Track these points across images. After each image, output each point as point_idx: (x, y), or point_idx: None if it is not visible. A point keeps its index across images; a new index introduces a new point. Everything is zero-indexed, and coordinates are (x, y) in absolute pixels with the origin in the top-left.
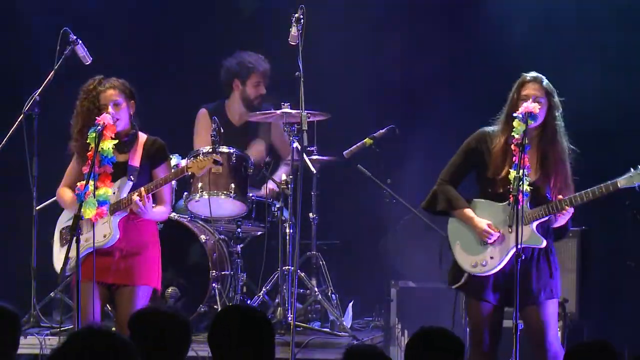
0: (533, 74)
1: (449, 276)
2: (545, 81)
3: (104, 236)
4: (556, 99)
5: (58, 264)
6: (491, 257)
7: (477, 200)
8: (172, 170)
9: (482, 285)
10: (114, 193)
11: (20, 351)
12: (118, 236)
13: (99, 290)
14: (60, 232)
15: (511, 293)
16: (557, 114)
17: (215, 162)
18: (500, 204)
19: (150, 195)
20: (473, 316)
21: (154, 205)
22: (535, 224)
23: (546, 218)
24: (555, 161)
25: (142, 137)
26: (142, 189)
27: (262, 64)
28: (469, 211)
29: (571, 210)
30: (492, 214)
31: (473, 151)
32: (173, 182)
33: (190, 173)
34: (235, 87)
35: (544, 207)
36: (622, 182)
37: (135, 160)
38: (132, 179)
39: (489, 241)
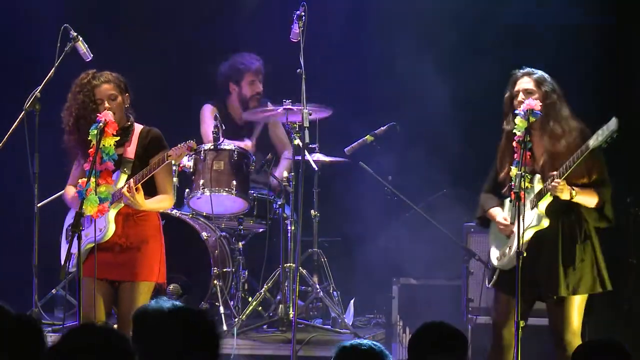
0: (523, 69)
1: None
2: (537, 73)
3: (100, 230)
4: (549, 86)
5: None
6: (509, 248)
7: (506, 200)
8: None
9: (512, 280)
10: None
11: None
12: (113, 229)
13: (103, 287)
14: (66, 229)
15: (535, 284)
16: (553, 98)
17: (190, 148)
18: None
19: (140, 186)
20: (498, 310)
21: (147, 197)
22: (542, 205)
23: (550, 198)
24: (560, 152)
25: (138, 128)
26: (131, 180)
27: (254, 62)
28: (494, 209)
29: (564, 185)
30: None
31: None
32: (174, 179)
33: (170, 160)
34: (232, 89)
35: (542, 187)
36: (591, 142)
37: (130, 152)
38: (126, 171)
39: (505, 232)
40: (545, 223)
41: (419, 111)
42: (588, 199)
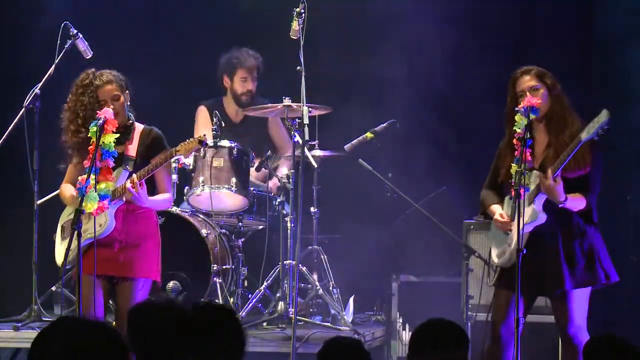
0: (521, 68)
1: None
2: (535, 69)
3: (100, 225)
4: (550, 78)
5: (59, 258)
6: (509, 245)
7: (506, 197)
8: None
9: (513, 276)
10: None
11: (21, 345)
12: (114, 225)
13: (101, 283)
14: (62, 226)
15: (537, 279)
16: (558, 89)
17: (200, 142)
18: None
19: (143, 181)
20: (497, 307)
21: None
22: (537, 202)
23: (545, 195)
24: (564, 144)
25: (139, 127)
26: (134, 175)
27: (249, 59)
28: (494, 206)
29: (551, 181)
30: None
31: (500, 154)
32: (174, 176)
33: (178, 156)
34: (225, 83)
35: (538, 183)
36: (583, 135)
37: (132, 151)
38: (129, 168)
39: (502, 228)
40: (543, 217)
41: (420, 108)
42: (576, 204)
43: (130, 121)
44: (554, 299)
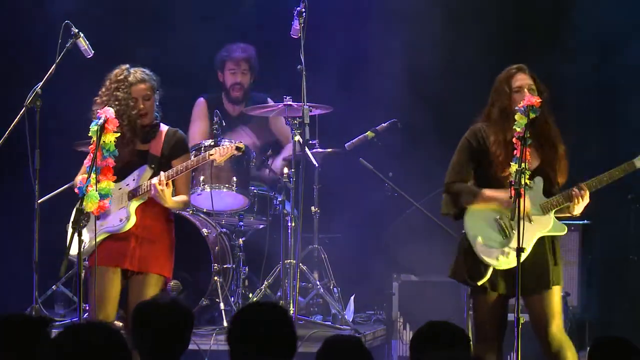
0: (517, 65)
1: (464, 273)
2: (527, 68)
3: (120, 220)
4: (541, 83)
5: (74, 250)
6: (513, 249)
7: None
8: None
9: (495, 277)
10: (133, 180)
11: None
12: (134, 221)
13: (118, 276)
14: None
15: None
16: (545, 97)
17: (238, 149)
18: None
19: (170, 182)
20: (481, 309)
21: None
22: (553, 212)
23: (565, 205)
24: (551, 147)
25: (164, 127)
26: (162, 174)
27: (237, 52)
28: (491, 190)
29: (587, 198)
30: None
31: (475, 149)
32: None
33: (211, 159)
34: (220, 78)
35: (562, 195)
36: (638, 162)
37: (156, 150)
38: (153, 167)
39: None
40: (564, 230)
41: (421, 108)
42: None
43: (157, 121)
44: (534, 300)
